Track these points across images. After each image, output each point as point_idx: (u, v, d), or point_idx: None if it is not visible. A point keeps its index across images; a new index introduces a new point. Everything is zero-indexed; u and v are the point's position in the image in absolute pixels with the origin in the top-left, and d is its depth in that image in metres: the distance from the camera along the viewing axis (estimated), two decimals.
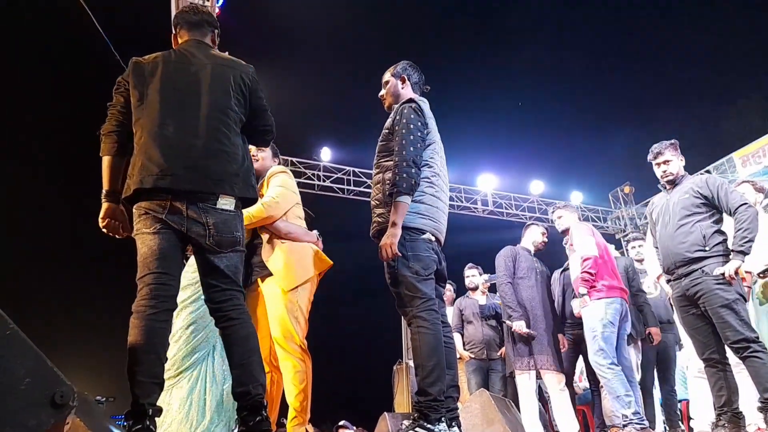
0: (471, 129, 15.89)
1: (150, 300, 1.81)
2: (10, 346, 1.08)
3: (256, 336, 1.99)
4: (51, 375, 1.12)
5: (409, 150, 2.26)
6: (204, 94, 2.00)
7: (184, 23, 2.23)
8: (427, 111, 2.45)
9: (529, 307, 3.95)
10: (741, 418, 2.86)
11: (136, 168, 1.88)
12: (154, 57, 2.08)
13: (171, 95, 1.98)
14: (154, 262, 1.83)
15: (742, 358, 2.78)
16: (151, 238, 1.85)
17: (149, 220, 1.86)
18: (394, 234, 2.18)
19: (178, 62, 2.06)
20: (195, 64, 2.06)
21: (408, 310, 2.22)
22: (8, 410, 1.05)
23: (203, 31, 2.24)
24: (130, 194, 1.89)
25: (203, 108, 1.98)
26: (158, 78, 1.99)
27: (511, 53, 16.79)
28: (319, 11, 13.41)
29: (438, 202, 2.39)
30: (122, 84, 2.05)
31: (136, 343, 1.76)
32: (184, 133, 1.92)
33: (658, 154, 3.27)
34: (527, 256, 4.18)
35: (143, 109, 1.96)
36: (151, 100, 1.96)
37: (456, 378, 2.38)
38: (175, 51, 2.14)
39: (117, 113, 2.02)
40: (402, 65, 2.62)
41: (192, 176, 1.88)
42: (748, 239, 2.83)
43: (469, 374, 4.85)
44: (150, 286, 1.82)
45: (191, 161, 1.89)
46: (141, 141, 1.92)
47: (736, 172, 10.92)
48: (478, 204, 12.65)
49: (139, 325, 1.78)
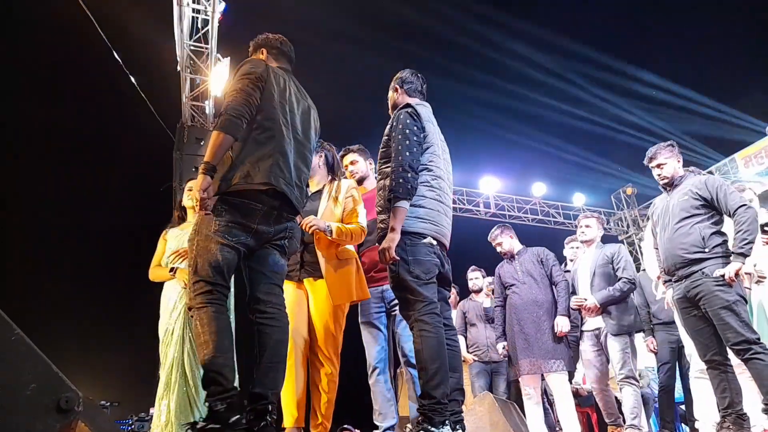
0: (473, 131, 15.90)
1: (222, 301, 1.99)
2: (15, 352, 1.09)
3: (287, 345, 2.12)
4: (56, 380, 1.12)
5: (405, 155, 2.28)
6: (306, 128, 2.33)
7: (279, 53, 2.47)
8: (425, 114, 2.46)
9: (516, 315, 3.93)
10: (746, 419, 2.85)
11: (266, 162, 2.04)
12: (277, 67, 2.32)
13: (291, 118, 2.24)
14: (223, 276, 1.99)
15: (743, 359, 2.77)
16: (229, 250, 2.03)
17: (237, 229, 2.01)
18: (392, 239, 2.21)
19: (294, 90, 2.33)
20: (304, 98, 2.38)
21: (410, 314, 2.23)
22: (14, 415, 1.06)
23: (291, 67, 2.50)
24: (243, 188, 2.01)
25: (305, 141, 2.30)
26: (286, 93, 2.24)
27: (513, 55, 16.79)
28: (322, 15, 13.46)
29: (440, 206, 2.39)
30: (262, 79, 2.15)
31: (223, 333, 1.90)
32: (296, 155, 2.21)
33: (652, 158, 3.26)
34: (508, 264, 4.17)
35: (271, 113, 2.14)
36: (278, 109, 2.17)
37: (461, 381, 2.38)
38: (288, 74, 2.37)
39: (254, 103, 2.09)
40: (396, 77, 2.67)
41: (300, 196, 2.22)
42: (748, 241, 2.82)
43: (472, 377, 4.84)
44: (221, 294, 1.99)
45: (299, 183, 2.20)
46: (271, 143, 2.09)
47: (739, 173, 10.89)
48: (481, 206, 12.65)
49: (222, 318, 1.93)
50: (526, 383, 3.90)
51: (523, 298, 3.94)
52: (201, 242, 1.99)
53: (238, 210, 2.01)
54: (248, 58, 2.39)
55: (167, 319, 3.01)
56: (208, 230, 1.98)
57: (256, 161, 2.03)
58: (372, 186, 3.32)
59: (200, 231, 2.00)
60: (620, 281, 3.84)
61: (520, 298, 3.96)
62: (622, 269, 3.89)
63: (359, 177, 3.33)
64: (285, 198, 2.10)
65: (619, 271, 3.90)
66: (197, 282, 1.95)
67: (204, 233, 1.99)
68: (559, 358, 3.77)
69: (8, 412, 1.05)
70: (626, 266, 3.91)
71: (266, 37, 2.48)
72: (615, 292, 3.81)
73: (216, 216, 1.99)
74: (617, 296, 3.81)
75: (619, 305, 3.83)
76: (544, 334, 3.80)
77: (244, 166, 2.01)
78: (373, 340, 3.03)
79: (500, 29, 16.82)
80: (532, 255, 4.07)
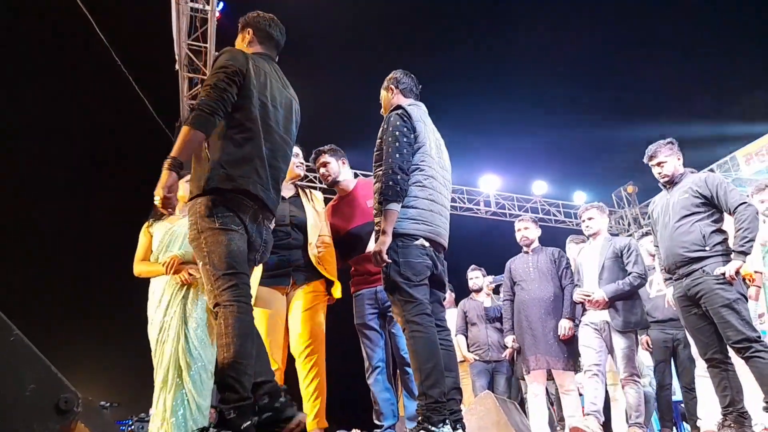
0: (472, 130, 15.87)
1: (248, 298, 1.94)
2: (14, 353, 1.09)
3: None
4: (56, 381, 1.12)
5: (394, 157, 2.29)
6: (287, 123, 2.25)
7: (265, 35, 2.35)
8: (416, 115, 2.45)
9: (524, 312, 3.94)
10: (747, 418, 2.85)
11: (243, 167, 1.99)
12: (256, 56, 2.21)
13: (273, 114, 2.16)
14: (243, 264, 1.96)
15: (744, 358, 2.77)
16: (239, 237, 1.97)
17: (236, 219, 1.98)
18: (383, 242, 2.23)
19: (276, 81, 2.23)
20: (285, 88, 2.28)
21: (401, 316, 2.25)
22: (13, 417, 1.06)
23: (277, 52, 2.39)
24: (228, 188, 1.96)
25: (285, 136, 2.23)
26: (266, 88, 2.14)
27: (512, 52, 16.78)
28: (321, 13, 13.44)
29: (433, 205, 2.39)
30: (239, 74, 2.04)
31: (246, 338, 1.86)
32: (274, 154, 2.13)
33: (652, 156, 3.25)
34: (521, 258, 4.17)
35: (251, 111, 2.06)
36: (258, 106, 2.09)
37: (457, 380, 2.39)
38: (270, 62, 2.27)
39: (229, 99, 1.99)
40: (389, 77, 2.68)
41: (276, 198, 2.15)
42: (749, 239, 2.82)
43: (473, 376, 4.85)
44: (246, 285, 1.95)
45: (276, 184, 2.14)
46: (250, 144, 2.03)
47: (740, 171, 10.89)
48: (481, 205, 12.63)
49: (247, 321, 1.89)
50: (533, 380, 3.91)
51: (532, 294, 3.94)
52: (209, 238, 1.92)
53: (231, 203, 1.97)
54: (232, 43, 2.31)
55: (161, 317, 2.89)
56: (212, 225, 1.93)
57: (234, 164, 1.98)
58: (348, 186, 3.28)
59: (202, 229, 1.94)
60: (630, 275, 3.73)
61: (528, 295, 3.96)
62: (633, 263, 3.77)
63: (332, 180, 3.25)
64: (262, 202, 2.06)
65: (629, 265, 3.77)
66: (219, 278, 1.88)
67: (208, 229, 1.93)
68: (568, 355, 3.77)
69: (7, 413, 1.05)
70: (637, 260, 3.78)
71: (256, 15, 2.35)
72: (625, 287, 3.69)
73: (214, 210, 1.94)
74: (627, 291, 3.70)
75: (626, 301, 3.73)
76: (552, 331, 3.81)
77: (223, 169, 1.96)
78: (369, 341, 3.05)
79: (500, 26, 16.81)
80: (547, 254, 4.06)
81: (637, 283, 3.72)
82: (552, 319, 3.84)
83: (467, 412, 2.90)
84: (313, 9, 11.24)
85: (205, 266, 1.93)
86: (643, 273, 3.76)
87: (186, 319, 2.88)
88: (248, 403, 1.78)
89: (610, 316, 3.74)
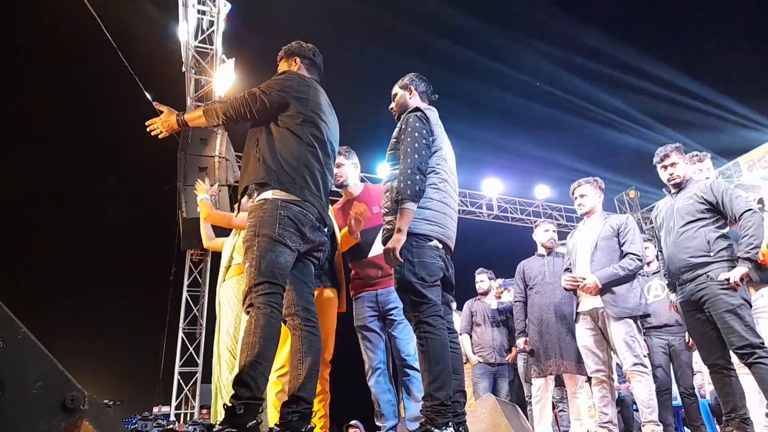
0: (475, 133, 15.88)
1: (281, 308, 2.03)
2: (21, 351, 1.09)
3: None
4: (62, 379, 1.13)
5: (414, 157, 2.28)
6: (336, 142, 2.46)
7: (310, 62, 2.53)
8: (433, 119, 2.47)
9: (538, 315, 3.94)
10: (749, 423, 2.84)
11: (297, 173, 2.14)
12: (311, 81, 2.39)
13: (325, 130, 2.32)
14: (284, 279, 2.04)
15: (747, 364, 2.76)
16: (290, 254, 2.06)
17: (295, 237, 2.08)
18: (398, 240, 2.21)
19: (328, 105, 2.41)
20: (332, 110, 2.44)
21: (414, 316, 2.23)
22: (19, 414, 1.06)
23: (320, 78, 2.55)
24: (293, 199, 2.10)
25: (334, 156, 2.44)
26: (324, 108, 2.35)
27: (516, 57, 16.80)
28: (329, 19, 13.49)
29: (446, 208, 2.40)
30: (289, 92, 2.24)
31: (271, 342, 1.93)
32: (329, 168, 2.35)
33: (665, 157, 3.22)
34: (536, 261, 4.16)
35: (320, 129, 2.27)
36: (324, 127, 2.30)
37: (462, 383, 2.39)
38: (321, 90, 2.42)
39: (259, 109, 2.22)
40: (409, 77, 2.68)
41: (327, 206, 2.33)
42: (754, 245, 2.81)
43: (476, 378, 4.84)
44: (281, 298, 2.04)
45: (327, 196, 2.30)
46: (313, 158, 2.22)
47: (742, 176, 10.86)
48: (483, 208, 12.62)
49: (276, 327, 1.95)
50: (541, 384, 3.90)
51: (547, 298, 3.93)
52: (264, 243, 2.00)
53: (295, 216, 2.07)
54: (281, 64, 2.49)
55: (237, 312, 3.18)
56: (271, 232, 2.01)
57: (307, 176, 2.17)
58: (355, 191, 3.28)
59: (260, 232, 2.02)
60: (626, 257, 3.33)
61: (543, 299, 3.95)
62: (630, 243, 3.35)
63: (341, 182, 3.24)
64: (319, 213, 2.21)
65: (626, 246, 3.36)
66: (261, 283, 1.96)
67: (267, 235, 2.01)
68: (579, 359, 3.68)
69: (14, 411, 1.06)
70: (634, 240, 3.37)
71: (299, 45, 2.49)
72: (620, 270, 3.29)
73: (279, 220, 2.03)
74: (622, 275, 3.28)
75: (622, 285, 3.31)
76: (566, 336, 3.79)
77: (297, 178, 2.13)
78: (370, 343, 3.05)
79: (503, 33, 16.83)
80: (562, 258, 3.99)
81: (634, 267, 3.31)
82: (566, 324, 3.82)
83: (469, 414, 2.90)
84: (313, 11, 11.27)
85: (251, 268, 2.00)
86: (641, 254, 3.36)
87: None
88: (257, 403, 1.82)
89: (603, 302, 3.34)
